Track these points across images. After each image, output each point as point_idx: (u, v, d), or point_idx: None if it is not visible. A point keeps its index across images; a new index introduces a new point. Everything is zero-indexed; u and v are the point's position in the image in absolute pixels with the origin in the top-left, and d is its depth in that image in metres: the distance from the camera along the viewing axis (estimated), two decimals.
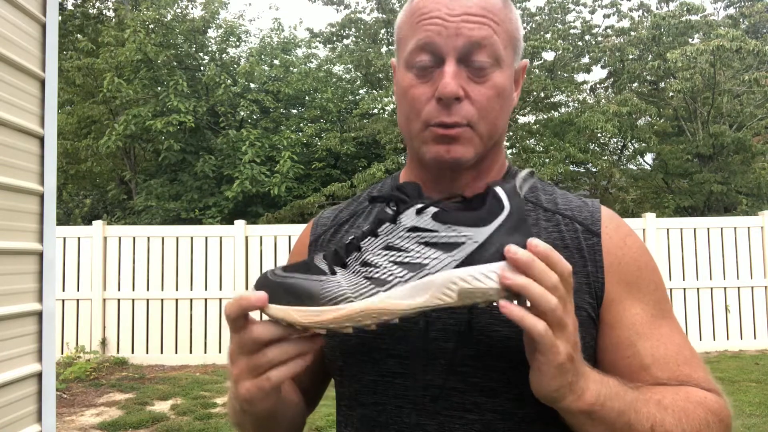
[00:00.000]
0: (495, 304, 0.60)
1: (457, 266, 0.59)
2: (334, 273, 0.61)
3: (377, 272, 0.60)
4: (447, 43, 0.72)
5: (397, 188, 0.64)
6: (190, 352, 6.85)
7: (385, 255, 0.61)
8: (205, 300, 6.86)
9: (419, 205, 0.61)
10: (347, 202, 0.96)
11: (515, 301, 0.60)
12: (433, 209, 0.61)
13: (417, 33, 0.74)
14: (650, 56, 11.51)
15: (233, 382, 0.66)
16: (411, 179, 0.85)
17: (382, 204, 0.65)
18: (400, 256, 0.60)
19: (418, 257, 0.60)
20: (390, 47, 12.59)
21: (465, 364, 0.73)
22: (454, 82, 0.71)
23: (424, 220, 0.61)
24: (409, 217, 0.61)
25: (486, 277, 0.59)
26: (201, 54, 12.00)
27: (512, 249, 0.59)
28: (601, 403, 0.64)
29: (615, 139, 12.71)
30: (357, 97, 12.45)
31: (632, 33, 12.07)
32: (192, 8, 12.88)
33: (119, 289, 6.88)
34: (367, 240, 0.63)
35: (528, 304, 0.60)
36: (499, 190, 0.62)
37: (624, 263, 0.77)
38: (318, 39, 13.36)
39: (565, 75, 12.42)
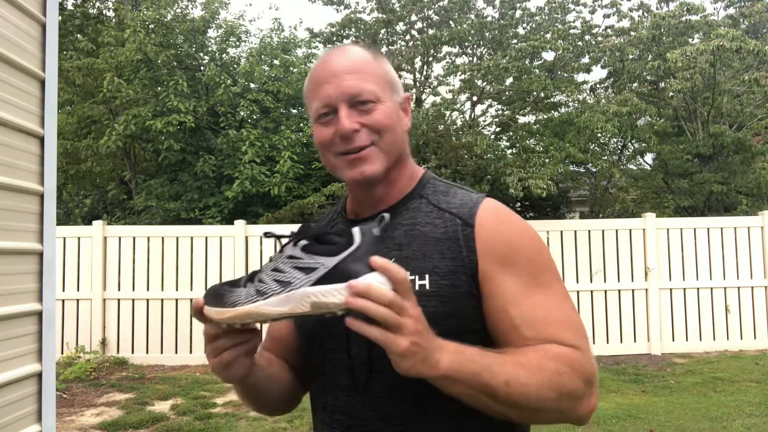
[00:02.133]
0: (339, 314, 0.78)
1: (312, 285, 0.78)
2: (245, 285, 0.84)
3: (263, 286, 0.81)
4: (336, 96, 0.98)
5: (300, 227, 0.85)
6: (190, 352, 6.85)
7: (271, 274, 0.82)
8: None
9: (298, 240, 0.83)
10: (319, 218, 1.23)
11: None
12: (303, 242, 0.83)
13: (315, 95, 1.01)
14: (650, 56, 11.51)
15: (208, 361, 0.93)
16: (350, 200, 1.12)
17: (275, 237, 0.89)
18: (279, 275, 0.81)
19: (289, 277, 0.80)
20: (390, 47, 12.59)
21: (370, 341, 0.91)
22: (348, 120, 0.96)
23: (296, 250, 0.82)
24: (289, 248, 0.83)
25: (330, 294, 0.77)
26: (201, 54, 11.99)
27: (352, 283, 0.76)
28: (456, 368, 0.80)
29: (615, 139, 12.71)
30: None
31: (632, 33, 12.06)
32: (192, 8, 12.88)
33: (119, 289, 6.88)
34: (267, 263, 0.86)
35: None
36: (355, 230, 0.81)
37: (495, 246, 0.95)
38: (318, 39, 13.34)
39: (565, 75, 12.41)
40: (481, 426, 0.92)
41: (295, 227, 1.00)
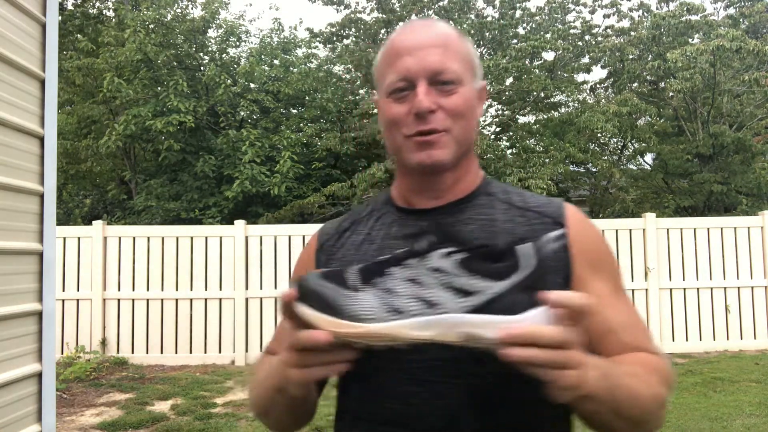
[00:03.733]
0: (494, 352, 0.66)
1: (468, 312, 0.65)
2: (361, 290, 0.69)
3: (397, 301, 0.67)
4: (417, 70, 0.88)
5: (435, 224, 0.73)
6: (190, 352, 6.85)
7: (407, 286, 0.68)
8: (205, 300, 6.86)
9: (449, 249, 0.68)
10: (346, 215, 1.10)
11: None
12: (460, 255, 0.68)
13: (392, 67, 0.91)
14: (650, 56, 11.51)
15: (283, 365, 0.77)
16: (401, 189, 1.00)
17: (413, 238, 0.73)
18: (421, 291, 0.67)
19: (436, 297, 0.66)
20: None
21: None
22: (427, 98, 0.87)
23: (448, 263, 0.68)
24: (435, 258, 0.68)
25: (490, 327, 0.65)
26: (201, 54, 11.99)
27: (510, 328, 0.64)
28: (597, 386, 0.72)
29: (615, 139, 12.71)
30: (357, 97, 12.44)
31: (632, 33, 12.07)
32: (192, 8, 12.88)
33: (119, 289, 6.88)
34: (394, 268, 0.70)
35: None
36: (521, 249, 0.68)
37: (586, 249, 0.91)
38: (318, 39, 13.35)
39: (565, 75, 12.42)
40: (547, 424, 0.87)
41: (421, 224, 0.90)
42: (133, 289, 6.88)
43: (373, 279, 0.69)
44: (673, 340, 7.24)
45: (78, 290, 6.85)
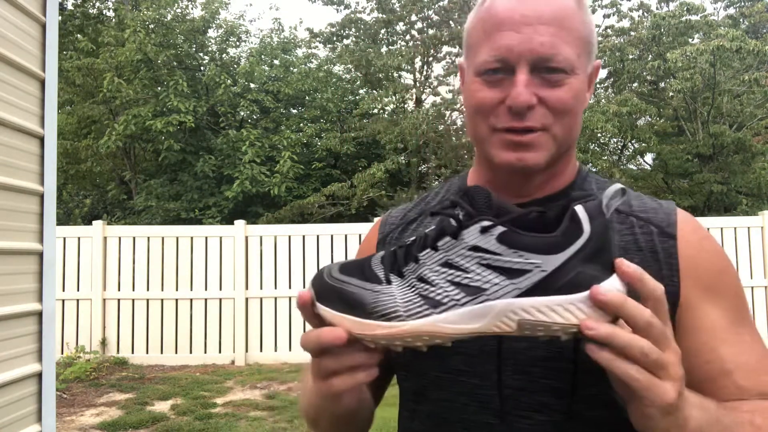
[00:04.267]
0: (563, 339, 0.56)
1: (520, 295, 0.54)
2: (389, 282, 0.58)
3: (433, 291, 0.56)
4: (520, 52, 0.71)
5: (464, 193, 0.59)
6: (190, 352, 6.85)
7: (443, 273, 0.56)
8: (205, 300, 6.86)
9: (485, 223, 0.56)
10: (416, 201, 0.95)
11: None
12: (500, 229, 0.55)
13: (489, 41, 0.73)
14: (650, 56, 11.51)
15: (312, 376, 0.66)
16: (479, 181, 0.84)
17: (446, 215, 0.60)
18: (458, 276, 0.56)
19: (477, 280, 0.55)
20: (390, 47, 12.59)
21: (535, 365, 0.72)
22: (527, 90, 0.70)
23: (488, 240, 0.56)
24: (472, 235, 0.56)
25: (550, 310, 0.54)
26: (201, 54, 12.00)
27: (600, 290, 0.53)
28: (700, 429, 0.60)
29: (615, 139, 12.71)
30: (357, 97, 12.45)
31: (632, 33, 12.07)
32: (192, 8, 12.88)
33: (119, 289, 6.88)
34: (426, 252, 0.58)
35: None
36: (579, 210, 0.55)
37: (701, 267, 0.75)
38: (318, 39, 13.36)
39: None
40: None
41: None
42: (133, 289, 6.88)
43: (403, 268, 0.58)
44: None
45: (78, 290, 6.84)
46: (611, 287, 0.54)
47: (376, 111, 11.85)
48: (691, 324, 0.73)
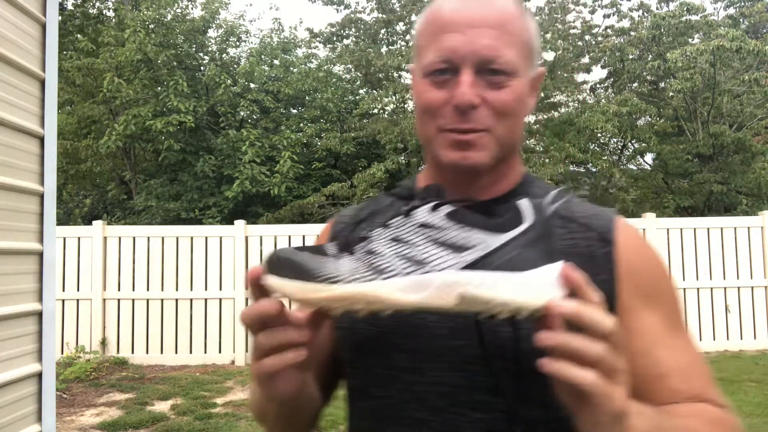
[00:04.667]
0: (501, 317, 0.57)
1: (463, 269, 0.56)
2: (339, 257, 0.59)
3: (380, 261, 0.58)
4: (464, 54, 0.73)
5: (423, 189, 0.62)
6: (190, 352, 6.85)
7: (392, 246, 0.59)
8: (205, 300, 6.86)
9: (436, 202, 0.60)
10: (367, 202, 0.97)
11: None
12: (448, 207, 0.59)
13: (436, 43, 0.76)
14: (650, 56, 11.51)
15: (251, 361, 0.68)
16: (429, 181, 0.86)
17: (400, 198, 0.63)
18: (406, 249, 0.58)
19: (424, 253, 0.57)
20: (390, 47, 12.59)
21: (473, 363, 0.73)
22: (471, 90, 0.73)
23: (436, 217, 0.59)
24: (422, 213, 0.60)
25: (493, 285, 0.55)
26: (201, 54, 12.00)
27: (555, 303, 0.55)
28: None
29: (615, 139, 12.72)
30: (357, 97, 12.45)
31: (632, 33, 12.07)
32: (192, 8, 12.88)
33: (119, 289, 6.88)
34: (377, 230, 0.61)
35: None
36: (524, 202, 0.60)
37: (639, 273, 0.77)
38: (318, 39, 13.36)
39: (565, 75, 12.42)
40: None
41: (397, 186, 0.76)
42: (133, 289, 6.88)
43: (356, 244, 0.60)
44: None
45: (78, 290, 6.84)
46: (550, 273, 0.56)
47: (376, 111, 11.85)
48: (629, 328, 0.74)
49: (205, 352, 6.84)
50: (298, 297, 0.58)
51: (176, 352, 6.84)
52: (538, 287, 0.56)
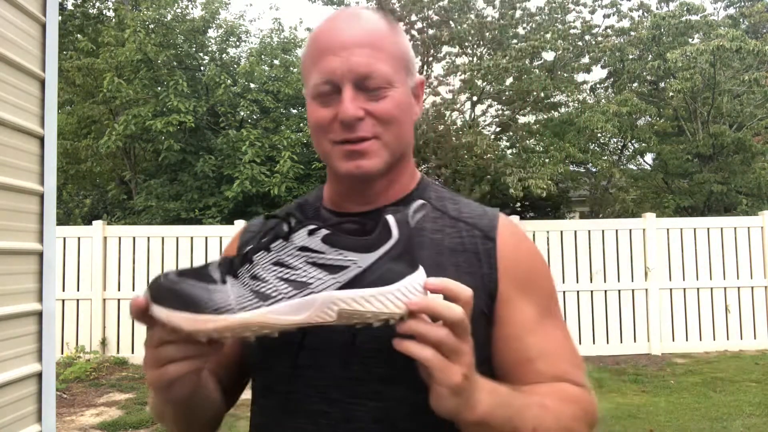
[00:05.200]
0: (374, 326, 0.64)
1: (340, 288, 0.63)
2: (224, 282, 0.63)
3: (264, 287, 0.63)
4: (342, 73, 0.80)
5: (297, 206, 0.67)
6: None
7: (274, 271, 0.63)
8: None
9: (312, 227, 0.64)
10: (278, 210, 1.03)
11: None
12: (324, 231, 0.64)
13: (316, 66, 0.83)
14: (650, 56, 11.51)
15: (144, 368, 0.71)
16: (329, 192, 0.94)
17: (280, 219, 0.68)
18: (287, 273, 0.63)
19: (304, 276, 0.63)
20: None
21: (367, 356, 0.79)
22: (353, 105, 0.80)
23: (314, 241, 0.64)
24: (300, 237, 0.64)
25: (365, 300, 0.62)
26: (201, 54, 11.99)
27: (411, 301, 0.63)
28: (492, 412, 0.69)
29: (615, 139, 12.71)
30: None
31: (632, 33, 12.06)
32: (192, 8, 12.88)
33: (119, 289, 6.88)
34: (260, 254, 0.65)
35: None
36: (390, 218, 0.65)
37: (516, 266, 0.85)
38: None
39: (565, 75, 12.41)
40: None
41: (281, 211, 0.80)
42: (133, 289, 6.88)
43: (238, 270, 0.64)
44: (673, 340, 7.24)
45: (78, 290, 6.85)
46: (413, 280, 0.64)
47: None
48: (506, 316, 0.83)
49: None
50: (188, 328, 0.61)
51: None
52: (404, 296, 0.64)
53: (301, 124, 11.51)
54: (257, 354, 0.87)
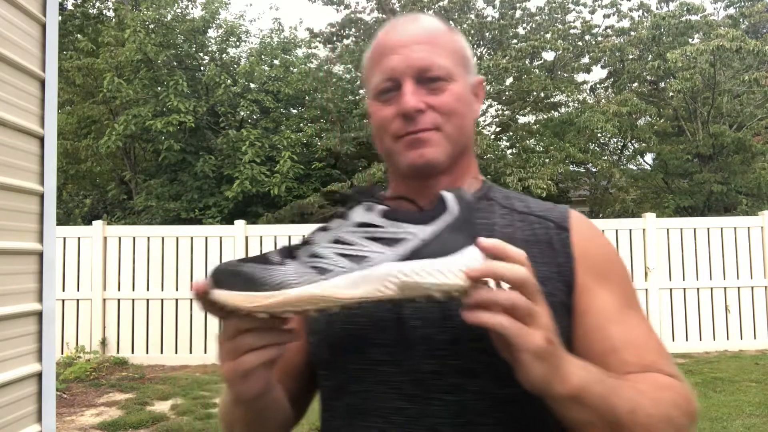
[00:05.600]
0: (437, 298, 0.62)
1: (399, 260, 0.61)
2: (283, 264, 0.63)
3: (322, 262, 0.62)
4: (402, 69, 0.82)
5: (355, 191, 0.67)
6: (190, 352, 6.85)
7: (332, 247, 0.63)
8: None
9: (370, 203, 0.65)
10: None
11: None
12: (381, 207, 0.64)
13: (377, 67, 0.86)
14: (650, 56, 11.51)
15: (219, 367, 0.70)
16: (399, 190, 0.92)
17: (337, 202, 0.69)
18: (345, 248, 0.63)
19: (362, 251, 0.62)
20: None
21: (443, 348, 0.77)
22: (414, 97, 0.81)
23: (371, 216, 0.64)
24: (357, 213, 0.65)
25: (426, 272, 0.61)
26: (201, 54, 12.00)
27: (469, 269, 0.61)
28: (587, 387, 0.66)
29: (615, 139, 12.72)
30: (357, 97, 12.44)
31: (632, 33, 12.07)
32: (192, 8, 12.88)
33: (119, 289, 6.88)
34: (318, 234, 0.66)
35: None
36: (446, 194, 0.65)
37: (592, 255, 0.84)
38: (318, 39, 13.36)
39: (565, 75, 12.42)
40: None
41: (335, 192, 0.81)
42: (133, 289, 6.88)
43: (299, 249, 0.64)
44: (673, 340, 7.24)
45: (78, 290, 6.84)
46: (475, 252, 0.62)
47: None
48: (586, 306, 0.81)
49: (205, 352, 6.84)
50: (246, 306, 0.60)
51: (176, 352, 6.84)
52: (465, 267, 0.61)
53: (301, 124, 11.51)
54: (326, 353, 0.86)
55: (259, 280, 0.61)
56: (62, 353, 6.58)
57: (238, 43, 12.84)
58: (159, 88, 10.59)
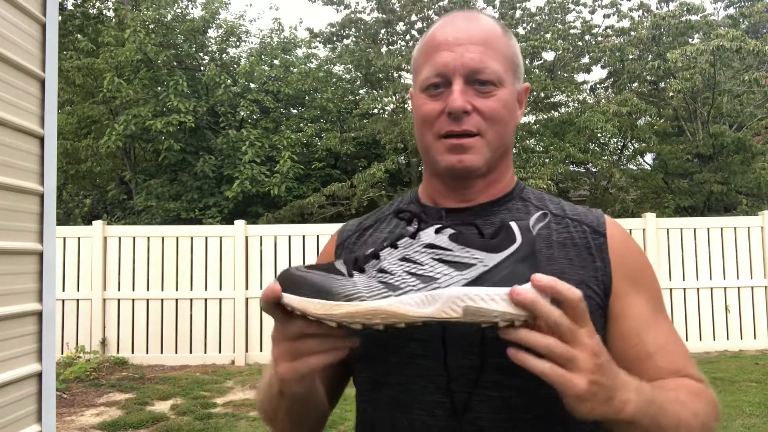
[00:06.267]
0: (500, 325, 0.65)
1: (466, 284, 0.64)
2: (351, 276, 0.66)
3: (392, 279, 0.65)
4: (455, 67, 0.83)
5: (422, 211, 0.70)
6: (190, 352, 6.85)
7: (401, 265, 0.66)
8: (205, 300, 6.86)
9: (439, 225, 0.67)
10: (371, 213, 1.05)
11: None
12: (450, 230, 0.67)
13: (429, 60, 0.86)
14: (650, 56, 11.51)
15: (273, 363, 0.73)
16: (428, 190, 0.95)
17: (405, 221, 0.71)
18: (414, 267, 0.65)
19: (431, 271, 0.65)
20: (390, 47, 12.59)
21: (484, 344, 0.78)
22: (462, 97, 0.82)
23: (441, 238, 0.66)
24: (427, 235, 0.67)
25: (491, 299, 0.63)
26: (201, 54, 12.00)
27: (517, 289, 0.63)
28: (641, 410, 0.69)
29: (615, 139, 12.71)
30: (357, 97, 12.44)
31: (632, 33, 12.07)
32: (192, 8, 12.88)
33: (119, 289, 6.87)
34: (386, 250, 0.68)
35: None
36: (513, 224, 0.68)
37: (628, 262, 0.86)
38: (318, 39, 13.35)
39: (565, 75, 12.42)
40: None
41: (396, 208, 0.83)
42: (133, 289, 6.88)
43: (365, 265, 0.67)
44: None
45: (78, 290, 6.84)
46: (529, 289, 0.64)
47: (376, 111, 11.85)
48: (622, 311, 0.84)
49: (205, 352, 6.84)
50: (319, 313, 0.64)
51: (176, 352, 6.84)
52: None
53: (301, 124, 11.51)
54: (365, 346, 0.85)
55: (330, 290, 0.64)
56: (62, 353, 6.58)
57: (238, 43, 12.85)
58: (159, 88, 10.59)
